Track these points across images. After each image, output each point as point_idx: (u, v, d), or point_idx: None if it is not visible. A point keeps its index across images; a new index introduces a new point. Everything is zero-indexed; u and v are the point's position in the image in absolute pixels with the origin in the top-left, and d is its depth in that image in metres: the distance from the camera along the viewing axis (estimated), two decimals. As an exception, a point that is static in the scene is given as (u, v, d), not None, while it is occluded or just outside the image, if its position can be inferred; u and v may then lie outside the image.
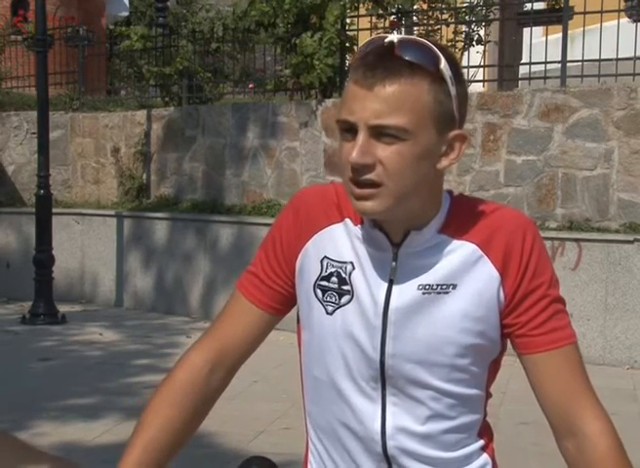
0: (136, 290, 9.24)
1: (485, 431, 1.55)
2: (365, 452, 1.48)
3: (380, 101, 1.33)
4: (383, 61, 1.34)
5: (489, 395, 1.54)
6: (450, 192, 1.50)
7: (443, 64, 1.35)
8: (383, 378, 1.45)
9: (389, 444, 1.46)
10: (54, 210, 8.76)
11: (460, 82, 1.40)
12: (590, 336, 6.75)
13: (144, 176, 9.70)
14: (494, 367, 1.52)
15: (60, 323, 8.28)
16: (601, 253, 6.73)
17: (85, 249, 9.59)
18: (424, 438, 1.46)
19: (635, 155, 6.91)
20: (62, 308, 8.54)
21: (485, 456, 1.54)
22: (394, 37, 1.36)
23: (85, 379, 6.27)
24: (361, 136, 1.35)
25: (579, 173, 7.12)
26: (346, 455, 1.50)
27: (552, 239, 6.88)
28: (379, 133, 1.34)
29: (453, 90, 1.37)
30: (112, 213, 9.45)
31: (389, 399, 1.46)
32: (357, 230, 1.47)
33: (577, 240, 6.84)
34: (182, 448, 1.53)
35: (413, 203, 1.39)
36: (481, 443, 1.53)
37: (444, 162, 1.40)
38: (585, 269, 6.77)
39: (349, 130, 1.37)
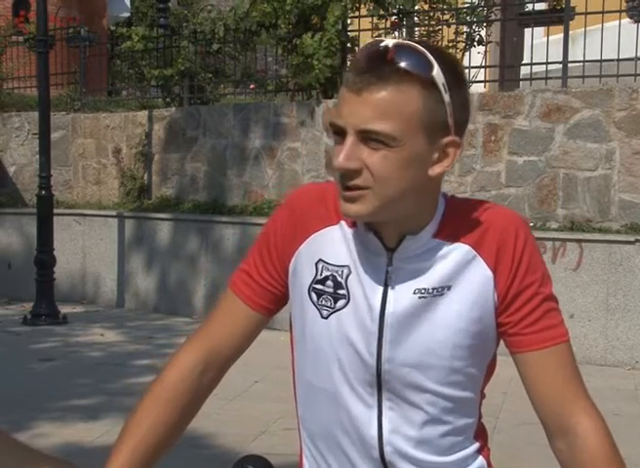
0: (137, 290, 9.24)
1: (480, 433, 1.54)
2: (362, 458, 1.47)
3: (367, 107, 1.31)
4: (373, 67, 1.31)
5: (483, 396, 1.53)
6: (444, 195, 1.48)
7: (435, 71, 1.32)
8: (379, 383, 1.44)
9: (386, 449, 1.45)
10: (55, 210, 8.76)
11: (459, 87, 1.36)
12: (592, 337, 6.74)
13: (146, 177, 9.70)
14: (490, 368, 1.51)
15: (61, 323, 8.28)
16: (602, 253, 6.72)
17: (86, 249, 9.59)
18: (421, 442, 1.45)
19: (636, 156, 6.91)
20: (64, 309, 8.54)
21: (480, 459, 1.53)
22: (390, 42, 1.33)
23: (86, 380, 6.26)
24: (348, 141, 1.33)
25: (580, 173, 7.12)
26: (343, 460, 1.49)
27: (553, 239, 6.87)
28: (366, 137, 1.33)
29: (446, 97, 1.33)
30: (114, 213, 9.44)
31: (385, 404, 1.45)
32: (353, 233, 1.46)
33: (578, 240, 6.83)
34: (171, 448, 1.51)
35: (402, 207, 1.38)
36: (477, 445, 1.52)
37: (437, 169, 1.37)
38: (587, 270, 6.77)
39: (340, 133, 1.35)
